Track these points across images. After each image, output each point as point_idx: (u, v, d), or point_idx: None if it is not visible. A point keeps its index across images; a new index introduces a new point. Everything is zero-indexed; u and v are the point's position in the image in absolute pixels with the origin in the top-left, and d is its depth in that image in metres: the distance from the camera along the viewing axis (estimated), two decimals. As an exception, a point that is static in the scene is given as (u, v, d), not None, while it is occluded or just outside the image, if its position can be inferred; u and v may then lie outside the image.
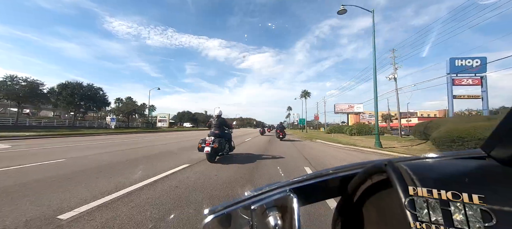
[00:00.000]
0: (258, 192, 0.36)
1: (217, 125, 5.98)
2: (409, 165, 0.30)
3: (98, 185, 3.49)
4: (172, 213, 2.45)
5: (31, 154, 6.89)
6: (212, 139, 5.44)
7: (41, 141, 11.78)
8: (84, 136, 17.51)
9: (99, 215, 2.38)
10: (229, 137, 6.40)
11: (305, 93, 57.34)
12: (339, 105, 65.30)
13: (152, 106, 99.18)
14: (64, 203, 2.68)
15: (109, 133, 22.83)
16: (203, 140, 5.47)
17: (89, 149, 8.46)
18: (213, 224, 0.33)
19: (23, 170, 4.46)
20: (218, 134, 5.76)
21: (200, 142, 5.48)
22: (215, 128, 5.93)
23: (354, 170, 0.38)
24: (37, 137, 14.49)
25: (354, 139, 20.16)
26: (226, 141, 6.10)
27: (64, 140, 13.25)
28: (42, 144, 10.22)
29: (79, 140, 13.40)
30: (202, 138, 5.60)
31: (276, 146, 11.25)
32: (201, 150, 5.39)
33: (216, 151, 5.43)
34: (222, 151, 5.74)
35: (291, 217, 0.31)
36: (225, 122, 6.26)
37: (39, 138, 13.90)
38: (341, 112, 66.04)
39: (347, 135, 27.82)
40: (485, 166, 0.29)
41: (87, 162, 5.56)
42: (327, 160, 7.14)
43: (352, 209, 0.38)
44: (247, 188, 3.60)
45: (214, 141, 5.40)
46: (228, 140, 6.30)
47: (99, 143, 11.37)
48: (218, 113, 6.16)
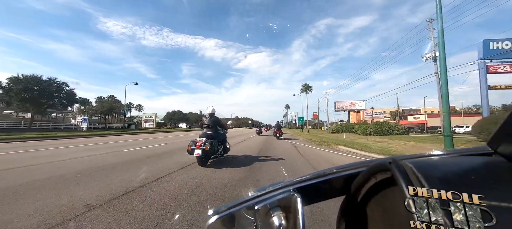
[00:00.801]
0: (261, 192, 0.36)
1: (210, 124, 5.34)
2: (414, 163, 0.29)
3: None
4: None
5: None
6: (203, 140, 4.77)
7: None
8: (35, 140, 13.30)
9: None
10: (223, 138, 5.72)
11: (306, 87, 50.77)
12: (340, 103, 61.20)
13: (139, 106, 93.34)
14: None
15: (73, 136, 17.81)
16: (194, 141, 4.84)
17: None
18: (217, 224, 0.32)
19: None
20: (210, 134, 5.15)
21: (190, 143, 4.85)
22: (207, 128, 5.30)
23: (358, 168, 0.37)
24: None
25: (377, 141, 15.49)
26: (220, 142, 5.39)
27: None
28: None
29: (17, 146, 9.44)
30: (192, 140, 4.95)
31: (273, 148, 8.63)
32: (191, 153, 4.76)
33: (208, 153, 4.75)
34: (215, 153, 5.01)
35: (295, 217, 0.31)
36: (218, 122, 5.57)
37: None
38: (342, 110, 61.97)
39: (360, 135, 23.29)
40: (489, 163, 0.28)
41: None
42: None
43: (356, 208, 0.38)
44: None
45: (206, 143, 4.72)
46: (222, 141, 5.61)
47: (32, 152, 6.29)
48: (210, 111, 5.51)
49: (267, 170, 4.87)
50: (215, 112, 5.58)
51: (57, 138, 15.50)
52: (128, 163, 5.41)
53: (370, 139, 17.95)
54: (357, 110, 61.49)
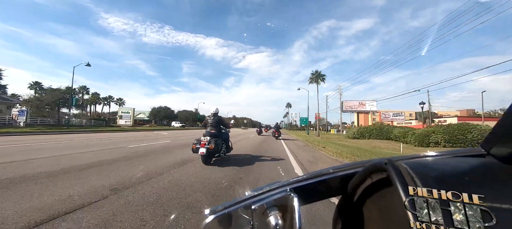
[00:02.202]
0: (258, 191, 0.36)
1: (213, 123, 5.23)
2: (409, 164, 0.29)
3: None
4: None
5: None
6: (207, 139, 4.77)
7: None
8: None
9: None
10: (226, 137, 5.63)
11: (317, 76, 37.26)
12: (348, 102, 53.81)
13: (119, 100, 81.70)
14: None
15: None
16: (198, 140, 4.82)
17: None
18: (213, 224, 0.32)
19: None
20: (214, 133, 5.07)
21: (194, 142, 4.81)
22: (211, 127, 5.18)
23: (354, 169, 0.37)
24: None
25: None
26: (223, 141, 5.34)
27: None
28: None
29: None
30: (196, 138, 4.92)
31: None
32: (196, 151, 4.74)
33: (212, 152, 4.76)
34: (218, 152, 5.00)
35: (292, 216, 0.31)
36: (222, 121, 5.48)
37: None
38: (349, 110, 54.68)
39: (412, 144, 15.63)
40: (484, 164, 0.29)
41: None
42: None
43: (352, 208, 0.38)
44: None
45: (210, 142, 4.74)
46: (225, 140, 5.54)
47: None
48: (214, 111, 5.43)
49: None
50: (218, 111, 5.48)
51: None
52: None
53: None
54: (366, 112, 54.43)
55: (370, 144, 17.13)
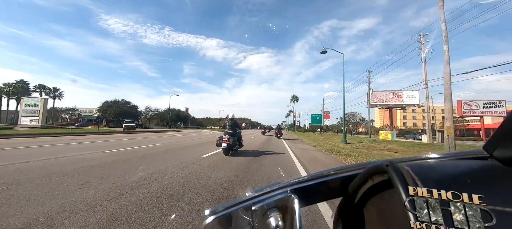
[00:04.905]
0: (259, 192, 0.36)
1: (231, 125, 7.43)
2: (411, 166, 0.30)
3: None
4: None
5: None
6: (227, 137, 6.80)
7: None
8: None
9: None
10: (239, 136, 7.73)
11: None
12: (377, 93, 40.53)
13: (54, 90, 52.33)
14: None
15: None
16: (220, 138, 6.98)
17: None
18: (214, 224, 0.32)
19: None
20: (231, 133, 7.16)
21: (218, 138, 7.12)
22: (229, 128, 7.38)
23: (355, 170, 0.37)
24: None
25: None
26: (237, 139, 7.39)
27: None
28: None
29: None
30: (219, 136, 7.22)
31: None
32: (219, 146, 6.94)
33: (230, 146, 6.78)
34: (234, 147, 7.05)
35: (292, 217, 0.31)
36: (237, 124, 7.73)
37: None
38: (379, 105, 41.56)
39: None
40: (486, 166, 0.29)
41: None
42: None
43: (353, 210, 0.38)
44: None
45: (229, 139, 6.78)
46: (239, 138, 7.63)
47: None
48: (231, 116, 7.74)
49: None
50: (234, 117, 7.77)
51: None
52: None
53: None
54: (402, 107, 41.34)
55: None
